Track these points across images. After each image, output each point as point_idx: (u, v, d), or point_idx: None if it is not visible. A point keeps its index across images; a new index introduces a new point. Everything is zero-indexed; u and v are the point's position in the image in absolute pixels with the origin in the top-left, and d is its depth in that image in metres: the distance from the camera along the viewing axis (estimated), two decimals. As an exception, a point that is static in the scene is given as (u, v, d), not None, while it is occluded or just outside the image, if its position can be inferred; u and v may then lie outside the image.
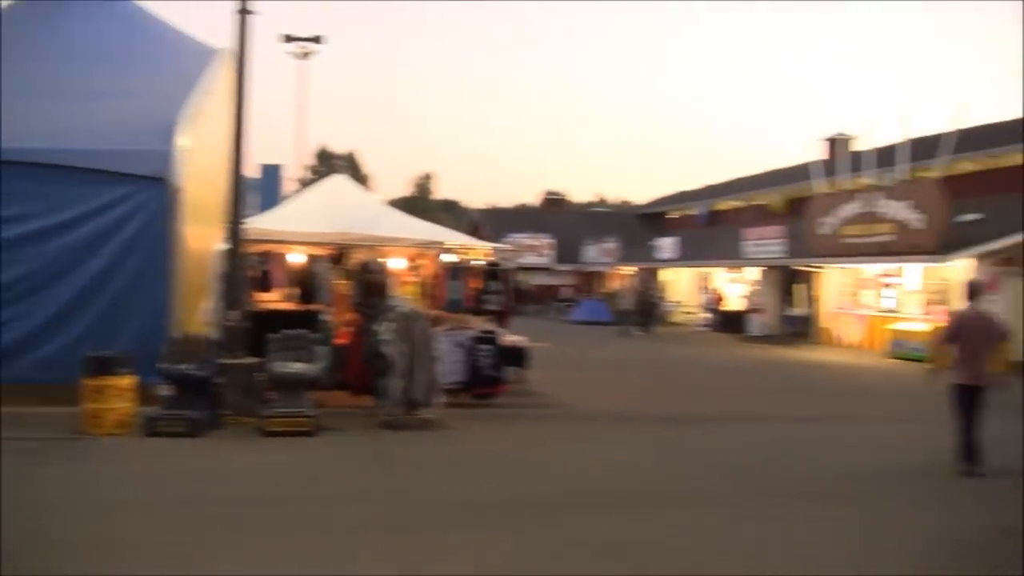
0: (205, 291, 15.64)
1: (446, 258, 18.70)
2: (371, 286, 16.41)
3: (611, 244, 57.01)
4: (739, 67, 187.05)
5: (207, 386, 13.60)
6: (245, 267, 15.78)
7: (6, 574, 7.10)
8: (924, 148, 32.36)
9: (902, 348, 28.90)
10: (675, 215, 61.76)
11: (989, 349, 12.12)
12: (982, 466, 11.79)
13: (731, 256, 41.29)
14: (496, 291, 18.33)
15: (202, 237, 15.93)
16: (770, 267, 39.25)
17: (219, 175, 15.65)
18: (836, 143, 47.54)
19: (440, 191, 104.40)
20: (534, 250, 60.52)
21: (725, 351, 32.16)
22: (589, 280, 60.62)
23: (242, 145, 15.14)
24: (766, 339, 36.07)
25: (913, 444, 13.46)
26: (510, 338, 17.76)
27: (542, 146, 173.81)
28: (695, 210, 57.75)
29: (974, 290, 12.87)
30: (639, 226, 63.41)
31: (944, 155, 31.11)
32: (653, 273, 50.81)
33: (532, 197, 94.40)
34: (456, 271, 18.37)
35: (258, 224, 17.63)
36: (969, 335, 12.08)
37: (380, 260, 17.45)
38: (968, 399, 11.98)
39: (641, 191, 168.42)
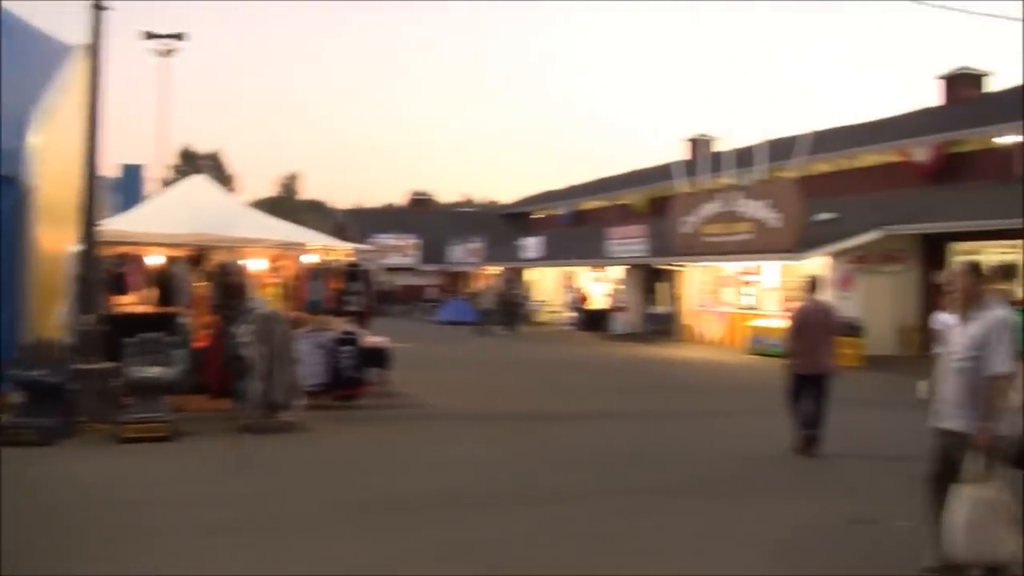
0: (59, 294, 15.24)
1: (307, 259, 18.57)
2: (230, 288, 16.18)
3: (477, 244, 57.12)
4: (608, 67, 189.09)
5: (61, 392, 13.26)
6: (101, 269, 15.44)
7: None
8: (782, 149, 33.11)
9: (761, 344, 29.49)
10: (541, 215, 62.18)
11: (827, 340, 12.88)
12: (818, 451, 12.63)
13: (595, 255, 41.68)
14: (357, 292, 18.25)
15: (56, 239, 15.51)
16: (633, 266, 39.71)
17: (75, 175, 15.25)
18: (698, 143, 48.44)
19: (307, 191, 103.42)
20: (399, 250, 60.37)
21: (588, 349, 32.51)
22: (455, 280, 60.69)
23: (96, 143, 14.81)
24: (629, 337, 36.51)
25: (769, 437, 13.74)
26: (371, 339, 17.72)
27: (411, 146, 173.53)
28: (560, 210, 58.18)
29: (813, 285, 13.58)
30: (505, 226, 63.72)
31: (800, 156, 31.86)
32: (518, 273, 51.07)
33: (399, 197, 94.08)
34: (317, 272, 18.25)
35: (115, 225, 17.26)
36: (809, 327, 12.85)
37: (240, 261, 17.22)
38: (805, 387, 12.77)
39: (509, 191, 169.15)
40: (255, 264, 18.32)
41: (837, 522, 9.23)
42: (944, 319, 19.55)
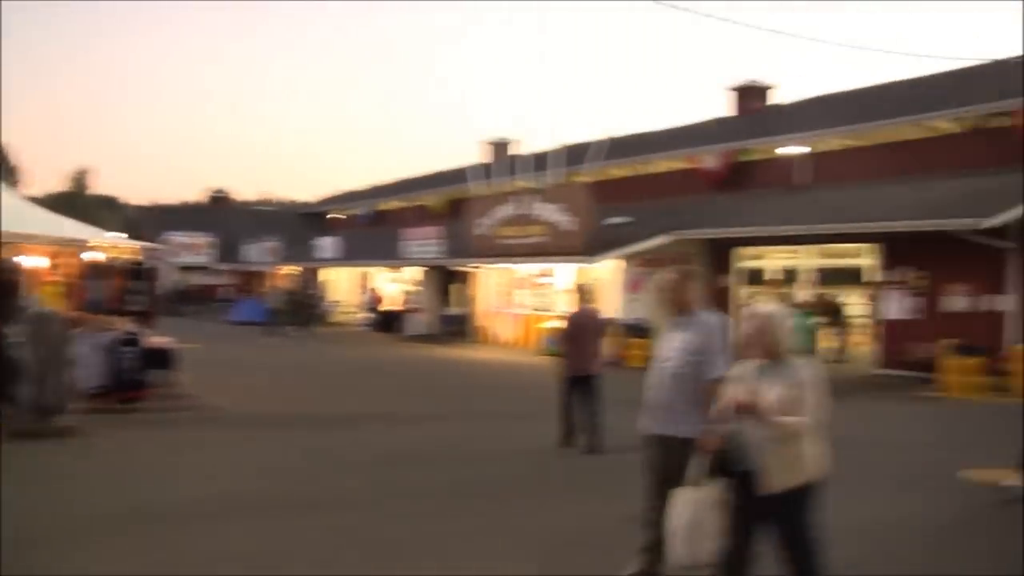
0: None
1: (90, 257, 17.97)
2: (2, 286, 15.48)
3: (273, 243, 56.26)
4: (415, 67, 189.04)
5: None
6: None
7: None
8: (578, 154, 33.65)
9: (553, 345, 29.73)
10: (340, 214, 61.64)
11: (595, 344, 13.63)
12: (589, 446, 13.22)
13: (392, 256, 41.49)
14: (141, 291, 17.76)
15: None
16: (430, 267, 39.73)
17: None
18: (498, 147, 48.80)
19: (100, 187, 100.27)
20: (194, 249, 59.13)
21: (382, 351, 32.37)
22: (250, 280, 59.64)
23: None
24: (424, 338, 36.49)
25: (553, 437, 13.85)
26: (156, 339, 17.23)
27: (211, 142, 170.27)
28: (359, 210, 57.82)
29: (583, 292, 14.57)
30: (303, 225, 62.95)
31: (595, 161, 32.41)
32: (314, 273, 50.52)
33: (198, 194, 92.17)
34: (99, 270, 17.68)
35: None
36: (579, 332, 13.58)
37: (15, 258, 16.52)
38: (576, 387, 13.45)
39: (309, 190, 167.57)
40: (33, 261, 17.61)
41: (612, 521, 9.38)
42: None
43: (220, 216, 66.12)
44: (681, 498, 6.41)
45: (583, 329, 13.66)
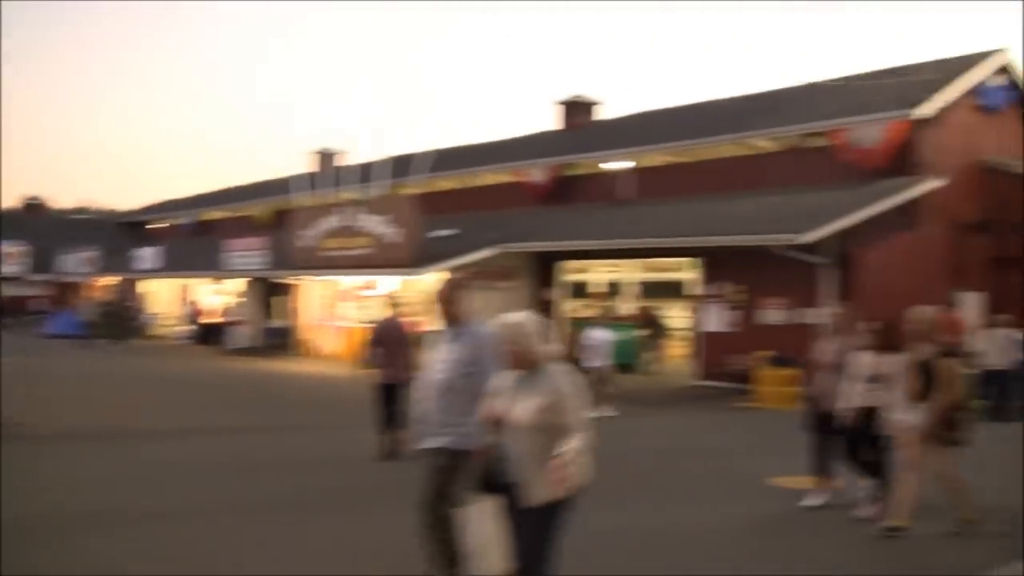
0: None
1: None
2: None
3: (91, 253, 54.51)
4: (247, 73, 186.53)
5: None
6: None
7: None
8: (405, 166, 33.50)
9: (368, 355, 29.43)
10: (161, 224, 60.20)
11: (404, 352, 13.72)
12: (403, 454, 13.05)
13: (214, 267, 40.60)
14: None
15: None
16: (253, 279, 38.99)
17: None
18: (323, 157, 48.34)
19: None
20: (5, 259, 56.99)
21: (202, 364, 31.64)
22: (66, 291, 57.66)
23: None
24: (247, 351, 35.78)
25: (372, 447, 13.67)
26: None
27: (27, 146, 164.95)
28: (182, 219, 56.55)
29: (393, 302, 15.17)
30: (123, 235, 61.24)
31: (420, 173, 32.28)
32: (133, 284, 49.09)
33: (11, 201, 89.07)
34: None
35: None
36: (387, 341, 13.86)
37: None
38: (387, 395, 13.74)
39: (131, 199, 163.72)
40: None
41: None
42: (596, 335, 20.20)
43: (34, 224, 63.82)
44: (467, 513, 6.25)
45: (390, 337, 13.88)
